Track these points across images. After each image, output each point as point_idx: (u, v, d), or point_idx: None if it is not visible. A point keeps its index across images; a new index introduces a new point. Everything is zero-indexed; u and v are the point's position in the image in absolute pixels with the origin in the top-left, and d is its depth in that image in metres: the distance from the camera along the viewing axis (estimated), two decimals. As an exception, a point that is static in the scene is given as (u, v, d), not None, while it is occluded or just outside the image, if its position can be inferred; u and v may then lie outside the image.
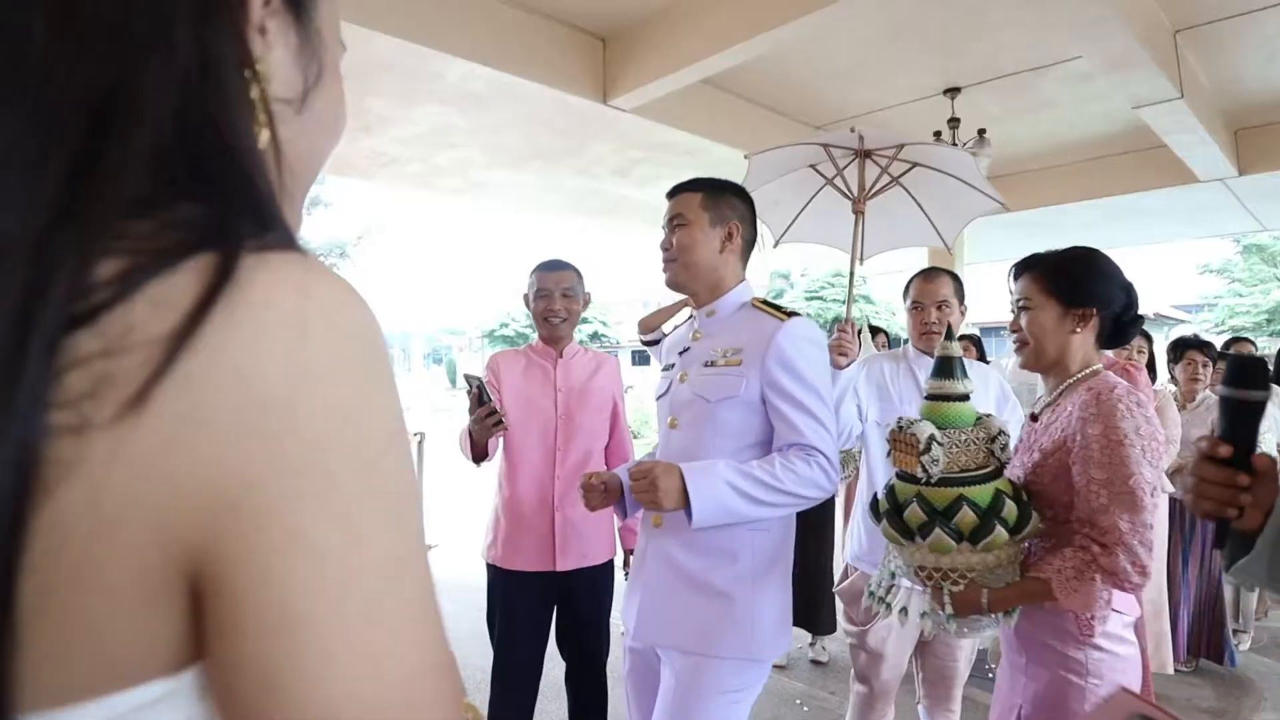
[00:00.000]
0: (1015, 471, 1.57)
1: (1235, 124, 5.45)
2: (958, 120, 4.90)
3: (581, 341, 2.51)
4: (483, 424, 1.99)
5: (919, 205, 2.43)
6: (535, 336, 2.41)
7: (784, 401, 1.51)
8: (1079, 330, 1.52)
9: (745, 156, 2.43)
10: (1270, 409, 4.26)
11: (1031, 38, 4.08)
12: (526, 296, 2.31)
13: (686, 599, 1.55)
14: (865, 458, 2.32)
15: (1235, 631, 3.63)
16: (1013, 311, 1.61)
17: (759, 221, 1.81)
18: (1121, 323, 1.55)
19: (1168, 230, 7.87)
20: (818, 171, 2.39)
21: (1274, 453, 3.43)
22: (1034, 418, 1.60)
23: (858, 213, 2.23)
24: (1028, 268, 1.59)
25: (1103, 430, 1.37)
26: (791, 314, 1.59)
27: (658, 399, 1.77)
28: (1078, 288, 1.52)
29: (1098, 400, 1.42)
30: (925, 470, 1.40)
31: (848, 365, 2.05)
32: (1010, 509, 1.40)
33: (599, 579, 2.28)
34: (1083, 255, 1.57)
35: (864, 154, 2.24)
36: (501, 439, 2.21)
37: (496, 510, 2.26)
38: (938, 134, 4.93)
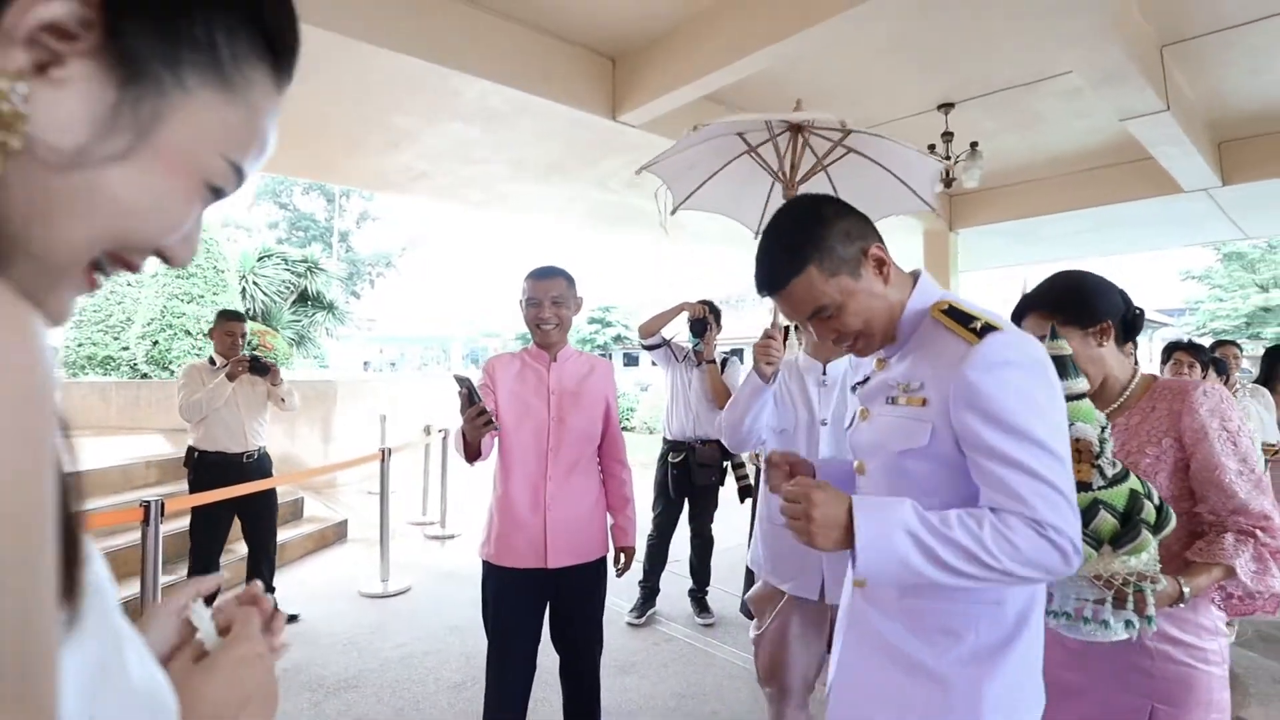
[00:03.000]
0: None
1: (1219, 136, 5.23)
2: (951, 134, 4.74)
3: (604, 345, 2.40)
4: (473, 424, 1.90)
5: (881, 165, 2.27)
6: None
7: (989, 459, 1.00)
8: (1104, 344, 1.50)
9: (637, 172, 2.30)
10: (1256, 408, 4.04)
11: (1023, 54, 3.92)
12: (521, 303, 2.22)
13: (892, 679, 1.12)
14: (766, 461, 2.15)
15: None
16: None
17: (666, 191, 1.54)
18: (1127, 321, 1.51)
19: (1152, 238, 7.61)
20: (743, 139, 2.23)
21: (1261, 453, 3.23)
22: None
23: (788, 197, 2.08)
24: (1029, 309, 1.54)
25: (1220, 424, 1.38)
26: (986, 328, 1.04)
27: (847, 429, 1.31)
28: (1086, 308, 1.49)
29: (1192, 397, 1.41)
30: (1103, 474, 1.23)
31: (773, 373, 1.90)
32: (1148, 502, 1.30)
33: (590, 576, 2.18)
34: (1075, 279, 1.53)
35: (797, 128, 2.09)
36: (497, 440, 2.13)
37: (491, 509, 2.18)
38: (931, 147, 4.76)
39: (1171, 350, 3.58)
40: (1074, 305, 1.49)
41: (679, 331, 3.99)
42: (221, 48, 0.38)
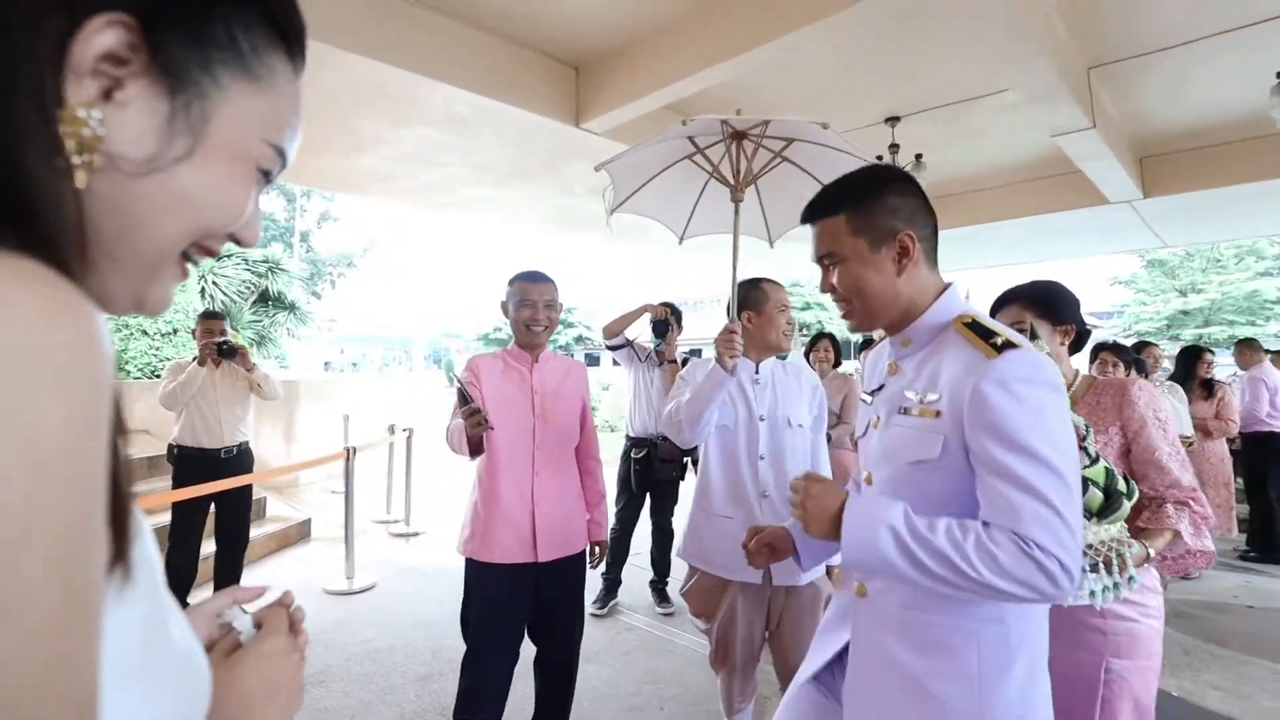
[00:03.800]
0: None
1: (1140, 152, 5.51)
2: (897, 146, 4.89)
3: (566, 345, 2.42)
4: (469, 422, 1.93)
5: (813, 177, 2.27)
6: None
7: (992, 473, 0.97)
8: (1064, 344, 1.69)
9: (596, 169, 2.33)
10: (1172, 403, 4.28)
11: (964, 72, 4.06)
12: (505, 305, 2.22)
13: (893, 693, 1.09)
14: (703, 455, 2.19)
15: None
16: None
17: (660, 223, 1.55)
18: (1080, 334, 1.71)
19: (1083, 246, 7.95)
20: (698, 165, 2.27)
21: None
22: None
23: (736, 201, 2.13)
24: (1013, 299, 1.71)
25: (1154, 414, 1.61)
26: (1006, 344, 1.02)
27: (860, 437, 1.30)
28: (1059, 308, 1.68)
29: (1131, 392, 1.63)
30: (1088, 454, 1.40)
31: (734, 365, 1.97)
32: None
33: (573, 568, 2.21)
34: (1055, 284, 1.71)
35: (737, 136, 2.15)
36: (484, 438, 2.13)
37: (476, 505, 2.16)
38: (880, 158, 4.90)
39: (1098, 351, 3.77)
40: (1051, 303, 1.68)
41: (642, 332, 4.04)
42: (242, 42, 0.41)
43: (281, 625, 0.57)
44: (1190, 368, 4.87)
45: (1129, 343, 4.49)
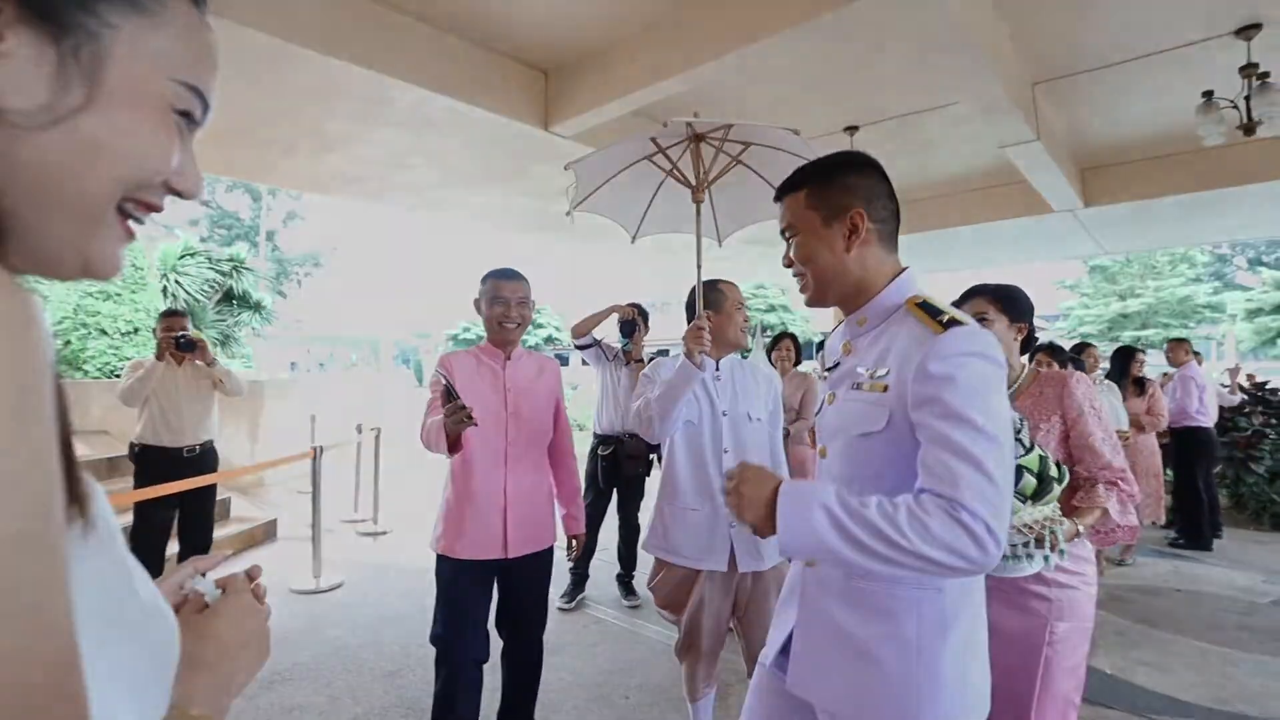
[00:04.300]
0: None
1: (1082, 164, 5.74)
2: (855, 154, 4.99)
3: (536, 345, 2.42)
4: (454, 418, 1.88)
5: (764, 179, 2.34)
6: None
7: (933, 443, 1.00)
8: (1017, 339, 1.87)
9: (565, 168, 2.37)
10: (1109, 399, 4.47)
11: (918, 85, 4.18)
12: (478, 302, 2.20)
13: (836, 656, 1.14)
14: (669, 451, 2.22)
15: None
16: None
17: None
18: (1030, 337, 1.90)
19: (1029, 252, 8.23)
20: (656, 165, 2.32)
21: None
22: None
23: (697, 201, 2.20)
24: (977, 294, 1.89)
25: (1089, 404, 1.78)
26: (952, 322, 1.06)
27: (816, 414, 1.31)
28: (1018, 307, 1.86)
29: (1070, 384, 1.80)
30: (1023, 444, 1.55)
31: (701, 360, 2.01)
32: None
33: (542, 564, 2.21)
34: (1015, 287, 1.89)
35: (696, 139, 2.21)
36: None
37: (449, 503, 2.15)
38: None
39: (1035, 352, 3.90)
40: (1011, 301, 1.86)
41: (609, 332, 4.07)
42: None
43: (244, 585, 0.60)
44: (1124, 367, 5.09)
45: (1072, 343, 4.67)
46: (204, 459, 3.64)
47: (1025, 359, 1.96)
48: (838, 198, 1.16)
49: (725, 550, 2.09)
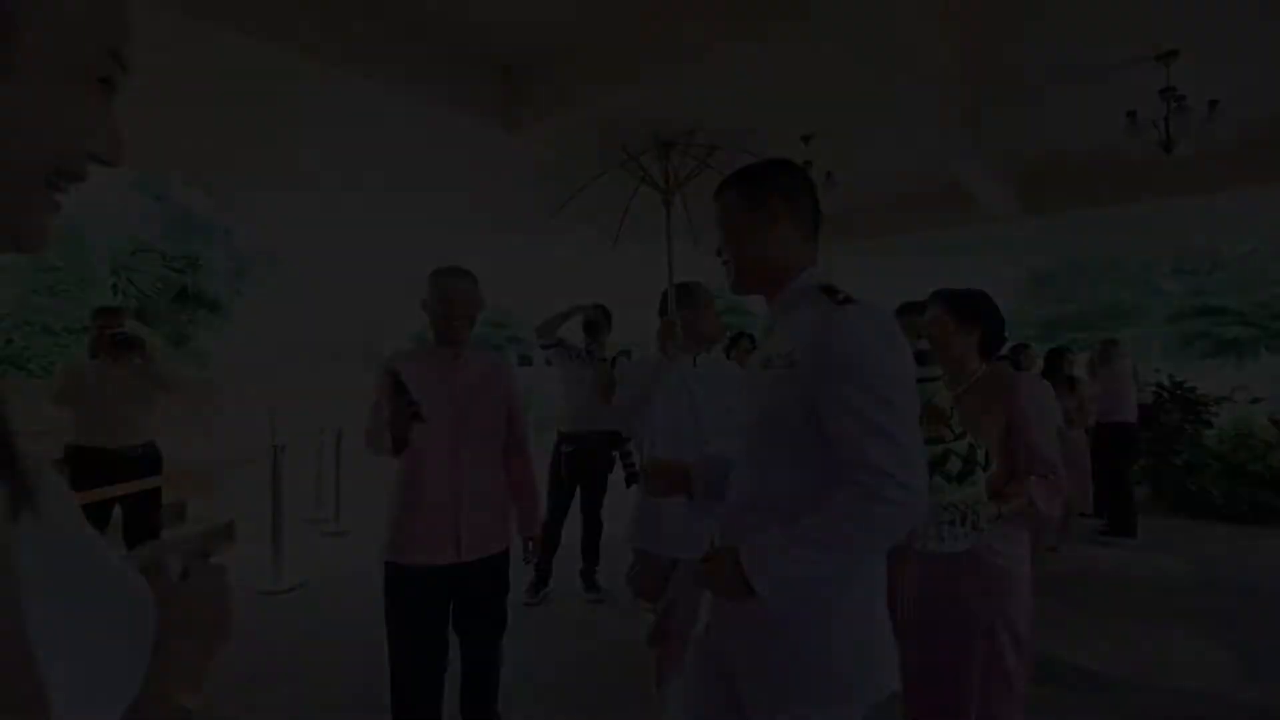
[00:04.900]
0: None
1: (1020, 175, 5.97)
2: (810, 163, 5.10)
3: (500, 345, 2.38)
4: (404, 413, 1.82)
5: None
6: None
7: (837, 414, 1.07)
8: (968, 338, 1.98)
9: (550, 216, 2.40)
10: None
11: (867, 96, 4.30)
12: (425, 301, 2.12)
13: (740, 619, 1.20)
14: (650, 444, 2.25)
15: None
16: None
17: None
18: (993, 342, 2.00)
19: (971, 259, 8.53)
20: (624, 149, 2.41)
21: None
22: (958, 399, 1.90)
23: (665, 203, 2.26)
24: (936, 296, 2.03)
25: (1034, 405, 1.92)
26: (847, 299, 1.14)
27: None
28: (968, 309, 1.98)
29: (1016, 381, 1.94)
30: (953, 431, 1.67)
31: (673, 354, 2.08)
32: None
33: (498, 567, 2.13)
34: (976, 292, 2.03)
35: (665, 144, 2.28)
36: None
37: (397, 507, 2.04)
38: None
39: (1001, 359, 4.08)
40: (963, 304, 1.99)
41: (574, 332, 4.09)
42: None
43: (206, 565, 0.61)
44: (1056, 366, 5.33)
45: (1011, 345, 4.88)
46: (145, 460, 3.46)
47: (981, 364, 2.00)
48: (760, 190, 1.26)
49: (705, 539, 2.13)
